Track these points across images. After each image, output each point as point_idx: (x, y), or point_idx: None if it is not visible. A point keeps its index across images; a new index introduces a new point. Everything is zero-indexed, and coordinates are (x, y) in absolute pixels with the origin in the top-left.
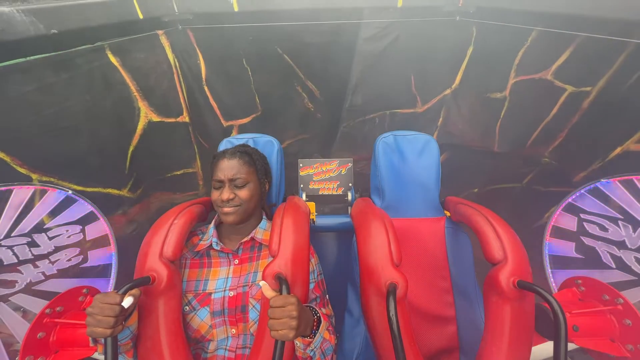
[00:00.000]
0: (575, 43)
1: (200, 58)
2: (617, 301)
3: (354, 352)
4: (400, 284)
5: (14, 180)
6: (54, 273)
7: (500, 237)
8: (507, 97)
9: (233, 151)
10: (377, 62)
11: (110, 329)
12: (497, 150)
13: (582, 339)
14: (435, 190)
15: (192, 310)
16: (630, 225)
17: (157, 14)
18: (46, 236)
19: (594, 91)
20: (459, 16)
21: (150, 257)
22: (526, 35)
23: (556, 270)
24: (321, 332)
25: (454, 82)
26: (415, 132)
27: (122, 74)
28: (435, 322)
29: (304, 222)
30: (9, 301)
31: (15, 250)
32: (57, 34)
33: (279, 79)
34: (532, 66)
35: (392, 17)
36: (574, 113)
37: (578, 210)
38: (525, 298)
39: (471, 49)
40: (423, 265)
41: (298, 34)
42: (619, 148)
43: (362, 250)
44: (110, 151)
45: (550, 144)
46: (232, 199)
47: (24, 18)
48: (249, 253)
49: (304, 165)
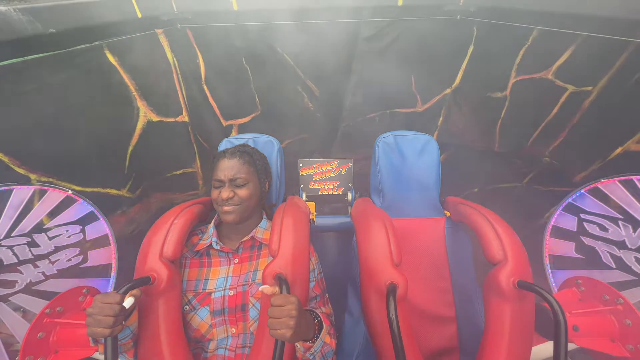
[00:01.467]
0: (576, 42)
1: (199, 57)
2: (617, 301)
3: (354, 352)
4: (400, 284)
5: (14, 180)
6: (54, 273)
7: (500, 237)
8: (507, 97)
9: (233, 151)
10: (378, 61)
11: (110, 329)
12: (498, 150)
13: (582, 339)
14: (435, 190)
15: (192, 309)
16: (630, 225)
17: (156, 12)
18: (46, 236)
19: (595, 91)
20: (460, 15)
21: (150, 257)
22: (527, 34)
23: (556, 270)
24: (322, 337)
25: (454, 82)
26: (415, 132)
27: (121, 74)
28: (435, 322)
29: (304, 222)
30: (9, 301)
31: (15, 250)
32: (55, 34)
33: (278, 78)
34: (533, 65)
35: (393, 16)
36: (575, 113)
37: (578, 210)
38: (525, 298)
39: (472, 48)
40: (423, 265)
41: (298, 33)
42: (619, 148)
43: (362, 250)
44: (109, 151)
45: (551, 144)
46: (232, 197)
47: (22, 17)
48: (249, 252)
49: (304, 165)
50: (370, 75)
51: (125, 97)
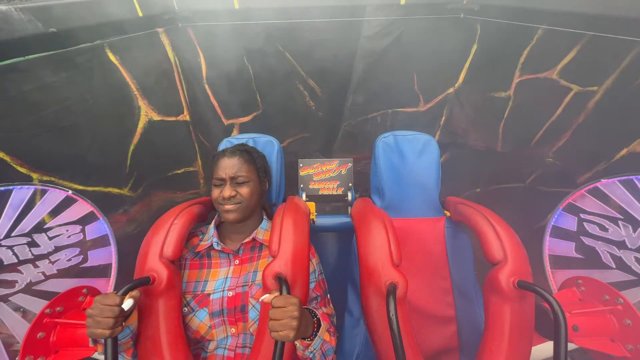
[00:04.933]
0: (581, 42)
1: (200, 56)
2: (617, 301)
3: (354, 352)
4: (400, 284)
5: (14, 180)
6: (54, 273)
7: (500, 237)
8: (511, 97)
9: (233, 150)
10: (380, 60)
11: (110, 330)
12: (501, 150)
13: (582, 339)
14: (435, 190)
15: (191, 311)
16: (630, 225)
17: (157, 11)
18: (46, 236)
19: (600, 91)
20: (463, 14)
21: (150, 257)
22: (532, 33)
23: (556, 270)
24: (321, 335)
25: (457, 81)
26: (415, 132)
27: (122, 73)
28: (436, 322)
29: (304, 222)
30: (9, 301)
31: (15, 250)
32: (56, 33)
33: (280, 77)
34: (538, 65)
35: (395, 14)
36: (579, 113)
37: (578, 210)
38: (525, 298)
39: (475, 47)
40: (423, 265)
41: (299, 32)
42: (624, 149)
43: (362, 250)
44: (110, 150)
45: (555, 144)
46: (233, 196)
47: (22, 16)
48: (249, 253)
49: (304, 165)
50: (372, 74)
51: (127, 96)
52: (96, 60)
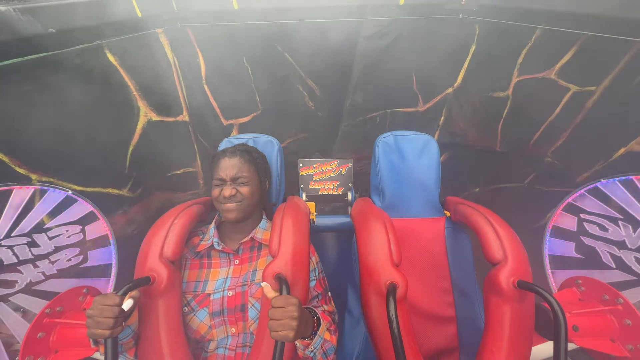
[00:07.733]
0: (579, 42)
1: (199, 56)
2: (617, 301)
3: (354, 352)
4: (400, 284)
5: (14, 180)
6: (54, 273)
7: (500, 237)
8: (509, 96)
9: (233, 150)
10: (379, 60)
11: (110, 331)
12: (499, 150)
13: (582, 339)
14: (435, 190)
15: (191, 311)
16: (630, 225)
17: (156, 12)
18: (46, 236)
19: (598, 91)
20: (462, 14)
21: (150, 258)
22: (530, 33)
23: (556, 270)
24: (321, 334)
25: (456, 81)
26: (415, 132)
27: (121, 73)
28: (435, 322)
29: (304, 222)
30: (9, 301)
31: (15, 250)
32: (55, 33)
33: (279, 77)
34: (536, 65)
35: (394, 14)
36: (578, 113)
37: (578, 210)
38: (525, 298)
39: (474, 47)
40: (423, 265)
41: (299, 32)
42: (622, 149)
43: (362, 250)
44: (110, 151)
45: (553, 144)
46: (234, 195)
47: (21, 17)
48: (249, 253)
49: (304, 165)
50: (371, 74)
51: (126, 97)
52: (95, 60)
